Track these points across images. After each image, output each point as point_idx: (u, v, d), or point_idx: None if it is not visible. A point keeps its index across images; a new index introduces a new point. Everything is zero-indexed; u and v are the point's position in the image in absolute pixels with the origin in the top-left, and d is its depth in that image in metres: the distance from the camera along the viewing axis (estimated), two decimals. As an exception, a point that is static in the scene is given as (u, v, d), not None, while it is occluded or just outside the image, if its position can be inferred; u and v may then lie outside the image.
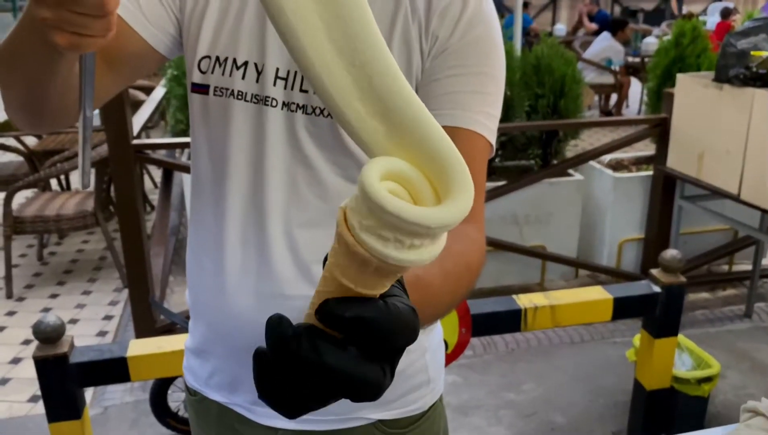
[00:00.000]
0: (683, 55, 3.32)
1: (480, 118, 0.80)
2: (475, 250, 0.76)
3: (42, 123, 0.87)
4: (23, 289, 3.67)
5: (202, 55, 0.89)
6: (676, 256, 2.24)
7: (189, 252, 1.01)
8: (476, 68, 0.81)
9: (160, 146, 2.78)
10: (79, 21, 0.54)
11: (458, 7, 0.81)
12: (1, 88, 0.82)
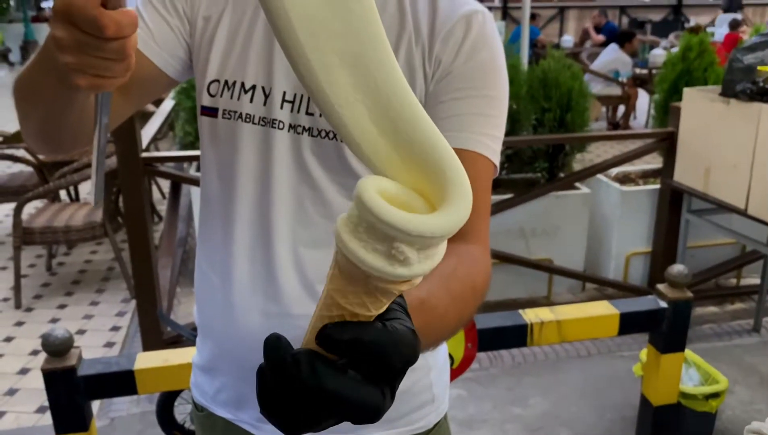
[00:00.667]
0: (690, 68, 3.32)
1: (485, 139, 0.81)
2: (480, 271, 0.76)
3: (59, 149, 0.90)
4: (32, 300, 3.69)
5: (211, 78, 0.90)
6: (683, 271, 2.23)
7: (197, 269, 1.02)
8: (481, 91, 0.82)
9: (169, 159, 2.80)
10: (100, 65, 0.56)
11: (461, 31, 0.83)
12: (19, 117, 0.84)
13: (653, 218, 3.37)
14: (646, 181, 3.55)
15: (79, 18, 0.53)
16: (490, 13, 0.88)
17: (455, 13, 0.84)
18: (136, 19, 0.55)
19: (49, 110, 0.76)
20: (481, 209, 0.81)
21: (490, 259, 0.81)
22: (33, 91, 0.76)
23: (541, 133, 3.19)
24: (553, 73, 3.07)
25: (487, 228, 0.83)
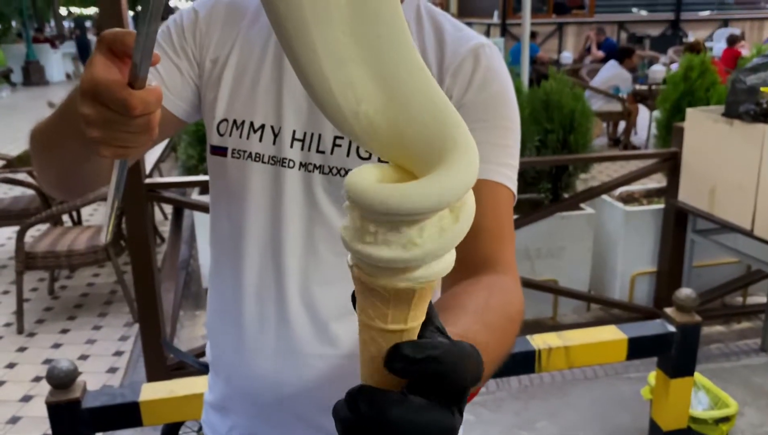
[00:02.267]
0: (692, 88, 3.33)
1: (503, 169, 0.83)
2: (513, 300, 0.75)
3: (74, 195, 0.92)
4: (34, 324, 3.67)
5: (220, 118, 0.91)
6: (690, 295, 2.22)
7: (209, 307, 1.02)
8: (495, 122, 0.84)
9: (172, 185, 2.80)
10: (126, 138, 0.57)
11: (470, 65, 0.84)
12: (36, 166, 0.86)
13: (658, 238, 3.36)
14: (650, 201, 3.55)
15: (107, 98, 0.54)
16: (496, 46, 0.89)
17: (463, 48, 0.85)
18: (162, 95, 0.56)
19: (68, 165, 0.77)
20: (506, 238, 0.82)
21: (521, 288, 0.79)
22: (52, 147, 0.77)
23: (544, 154, 3.20)
24: (556, 94, 3.07)
25: (513, 256, 0.83)
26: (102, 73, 0.54)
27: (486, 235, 0.79)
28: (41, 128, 0.79)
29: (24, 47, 15.17)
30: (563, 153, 3.20)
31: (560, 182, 3.31)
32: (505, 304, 0.72)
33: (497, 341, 0.67)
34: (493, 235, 0.79)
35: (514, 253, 0.83)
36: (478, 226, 0.78)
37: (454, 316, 0.64)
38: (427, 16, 0.89)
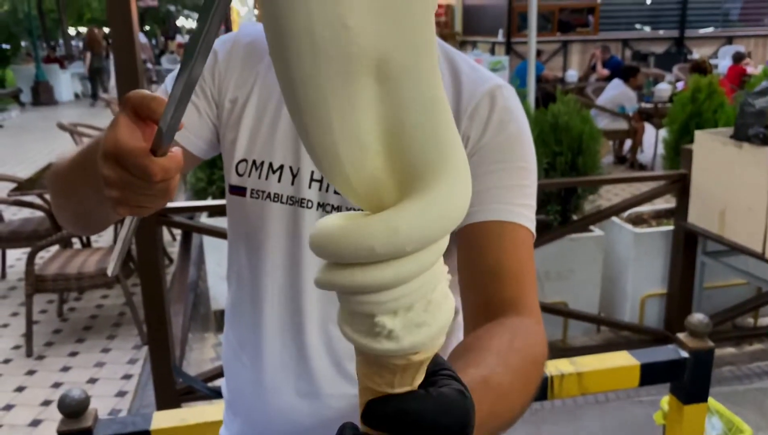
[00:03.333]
0: (700, 110, 3.33)
1: (523, 210, 0.83)
2: (537, 342, 0.75)
3: (90, 232, 0.95)
4: (43, 347, 3.68)
5: (239, 158, 0.92)
6: (703, 320, 2.20)
7: (226, 345, 1.02)
8: (513, 163, 0.84)
9: (183, 210, 2.82)
10: (143, 200, 0.59)
11: (487, 107, 0.85)
12: (53, 205, 0.88)
13: (668, 260, 3.34)
14: (659, 222, 3.54)
15: (129, 164, 0.54)
16: (512, 87, 0.90)
17: (479, 90, 0.86)
18: (182, 161, 0.57)
19: (85, 209, 0.79)
20: (528, 279, 0.81)
21: (544, 330, 0.79)
22: (70, 193, 0.79)
23: (553, 177, 3.20)
24: (564, 117, 3.08)
25: (535, 297, 0.82)
26: (125, 137, 0.55)
27: (508, 277, 0.79)
28: (60, 172, 0.81)
29: (33, 68, 15.31)
30: (572, 175, 3.20)
31: (569, 204, 3.31)
32: (529, 347, 0.72)
33: (521, 385, 0.66)
34: (515, 276, 0.80)
35: (536, 293, 0.83)
36: (499, 268, 0.79)
37: (479, 357, 0.64)
38: (443, 56, 0.90)
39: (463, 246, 0.83)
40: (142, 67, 2.41)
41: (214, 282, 3.65)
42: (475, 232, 0.81)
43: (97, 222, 0.84)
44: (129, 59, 2.30)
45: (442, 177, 0.37)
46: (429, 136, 0.38)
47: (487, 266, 0.80)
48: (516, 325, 0.74)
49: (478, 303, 0.80)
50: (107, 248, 3.99)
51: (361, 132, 0.37)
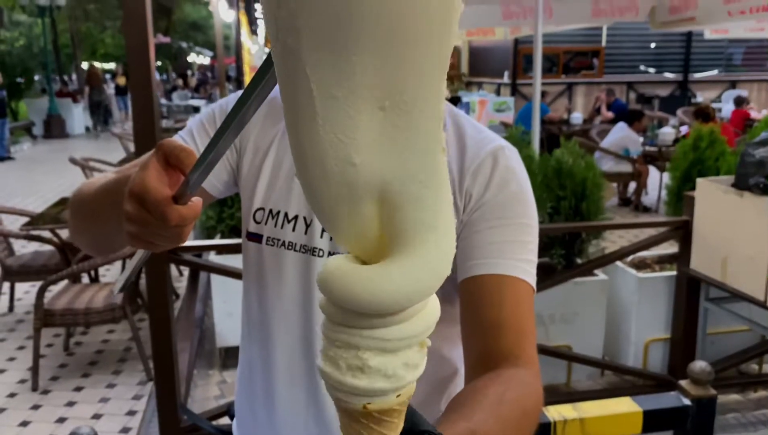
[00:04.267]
0: (702, 157, 3.40)
1: (523, 265, 0.86)
2: (530, 394, 0.77)
3: (105, 254, 0.99)
4: (48, 381, 3.69)
5: (257, 207, 0.97)
6: (705, 368, 2.21)
7: (239, 389, 1.06)
8: (514, 219, 0.88)
9: (192, 249, 2.87)
10: (157, 239, 0.64)
11: (489, 166, 0.90)
12: (73, 227, 0.92)
13: (671, 305, 3.36)
14: (662, 267, 3.57)
15: (150, 206, 0.59)
16: (514, 148, 0.95)
17: (482, 151, 0.91)
18: (199, 210, 0.62)
19: (104, 231, 0.84)
20: (528, 332, 0.84)
21: (540, 382, 0.82)
22: (93, 214, 0.84)
23: (557, 221, 3.25)
24: (567, 163, 3.15)
25: (534, 349, 0.85)
26: (153, 182, 0.60)
27: (507, 331, 0.82)
28: (86, 195, 0.86)
29: (47, 101, 15.60)
30: (576, 220, 3.25)
31: (573, 248, 3.35)
32: (521, 398, 0.75)
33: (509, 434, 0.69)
34: (514, 330, 0.83)
35: (535, 345, 0.86)
36: (499, 321, 0.82)
37: (470, 410, 0.68)
38: (450, 119, 0.96)
39: (465, 298, 0.86)
40: (158, 103, 2.49)
41: (220, 319, 3.68)
42: (477, 285, 0.84)
43: (113, 246, 0.89)
44: (146, 96, 2.38)
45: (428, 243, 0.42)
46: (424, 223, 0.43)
47: (487, 318, 0.83)
48: (511, 377, 0.77)
49: (478, 354, 0.83)
50: (114, 284, 4.04)
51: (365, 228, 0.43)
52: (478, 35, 11.11)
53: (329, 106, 0.39)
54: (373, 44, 0.37)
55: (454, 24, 0.39)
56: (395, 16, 0.36)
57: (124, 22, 2.39)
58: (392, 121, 0.40)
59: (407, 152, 0.40)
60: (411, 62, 0.38)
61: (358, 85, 0.38)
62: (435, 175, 0.42)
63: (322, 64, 0.38)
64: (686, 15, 6.43)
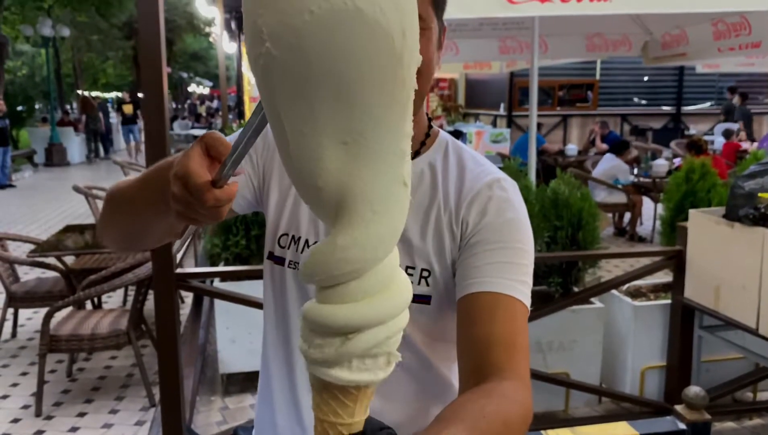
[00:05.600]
0: (694, 189, 3.51)
1: (518, 285, 0.92)
2: (510, 405, 0.80)
3: (133, 248, 1.08)
4: (51, 407, 3.72)
5: (282, 232, 1.06)
6: (699, 393, 2.28)
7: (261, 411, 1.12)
8: (510, 243, 0.94)
9: (200, 275, 2.95)
10: (198, 217, 0.72)
11: (485, 196, 0.97)
12: (105, 220, 1.00)
13: (667, 332, 3.44)
14: (658, 296, 3.65)
15: (191, 188, 0.68)
16: (513, 180, 1.02)
17: (479, 182, 0.99)
18: (233, 195, 0.70)
19: (140, 219, 0.92)
20: (519, 348, 0.87)
21: (528, 396, 0.84)
22: (129, 204, 0.92)
23: (554, 250, 3.33)
24: (564, 194, 3.25)
25: (524, 364, 0.88)
26: (195, 167, 0.68)
27: (499, 346, 0.86)
28: (123, 189, 0.94)
29: (48, 130, 15.76)
30: (572, 249, 3.34)
31: (570, 276, 3.44)
32: (502, 411, 0.77)
33: None
34: (505, 345, 0.86)
35: (527, 362, 0.89)
36: (491, 336, 0.88)
37: (450, 423, 0.71)
38: (453, 152, 1.04)
39: (461, 315, 0.91)
40: (168, 130, 2.60)
41: (223, 345, 3.73)
42: (472, 302, 0.90)
43: (151, 234, 0.96)
44: (159, 124, 2.49)
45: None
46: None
47: (480, 333, 0.87)
48: (494, 389, 0.81)
49: (470, 368, 0.87)
50: (119, 310, 4.09)
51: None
52: (475, 68, 11.34)
53: (298, 140, 0.50)
54: (329, 95, 0.47)
55: (406, 76, 0.49)
56: (344, 76, 0.46)
57: (140, 54, 2.50)
58: (353, 154, 0.50)
59: (364, 181, 0.51)
60: (364, 108, 0.48)
61: (321, 125, 0.49)
62: (387, 205, 0.52)
63: (292, 110, 0.49)
64: (678, 51, 6.62)
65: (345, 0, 0.44)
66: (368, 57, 0.45)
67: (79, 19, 19.86)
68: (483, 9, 3.53)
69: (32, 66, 20.09)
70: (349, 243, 0.51)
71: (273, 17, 0.46)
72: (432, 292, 0.97)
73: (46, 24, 15.54)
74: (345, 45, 0.45)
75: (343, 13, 0.44)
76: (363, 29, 0.45)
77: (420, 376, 1.01)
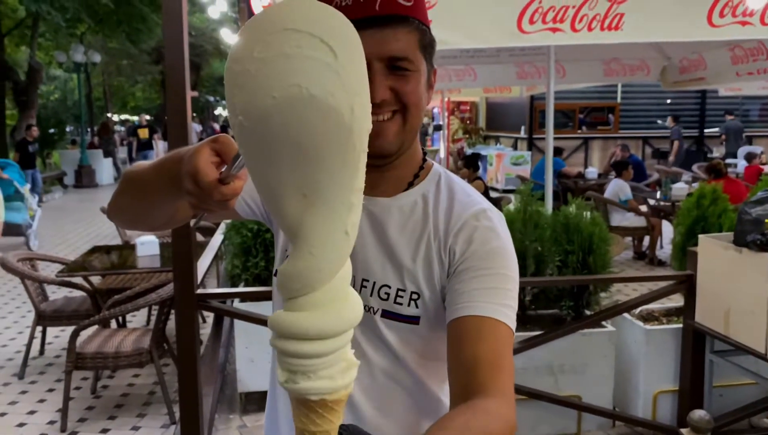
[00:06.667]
0: (705, 214, 3.54)
1: (503, 309, 0.97)
2: (494, 421, 0.84)
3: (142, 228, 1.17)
4: (76, 423, 3.84)
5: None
6: (704, 416, 2.33)
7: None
8: (495, 270, 1.00)
9: (219, 296, 3.06)
10: (207, 206, 0.81)
11: (471, 226, 1.04)
12: (117, 201, 1.09)
13: (679, 357, 3.45)
14: (670, 320, 3.67)
15: (200, 183, 0.77)
16: (499, 211, 1.09)
17: (466, 213, 1.06)
18: (238, 191, 0.79)
19: (152, 200, 1.01)
20: (504, 368, 0.92)
21: (511, 412, 0.88)
22: (142, 186, 1.01)
23: (565, 273, 3.39)
24: (575, 219, 3.31)
25: (510, 384, 0.92)
26: (204, 166, 0.77)
27: (484, 366, 0.91)
28: (138, 172, 1.04)
29: (78, 152, 16.22)
30: (583, 273, 3.39)
31: (582, 300, 3.48)
32: (484, 425, 0.82)
33: None
34: (490, 365, 0.91)
35: (511, 381, 0.93)
36: (477, 357, 0.94)
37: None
38: (445, 184, 1.11)
39: (450, 337, 0.97)
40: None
41: (242, 364, 3.83)
42: (460, 326, 0.96)
43: (160, 214, 1.05)
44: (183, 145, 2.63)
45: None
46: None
47: (467, 355, 0.93)
48: (479, 405, 0.87)
49: (458, 386, 0.94)
50: (142, 329, 4.22)
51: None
52: (495, 92, 11.45)
53: (265, 190, 0.63)
54: (290, 158, 0.59)
55: (357, 142, 0.60)
56: (302, 144, 0.58)
57: (166, 80, 2.65)
58: (309, 203, 0.61)
59: (309, 228, 0.62)
60: (320, 168, 0.59)
61: (283, 179, 0.60)
62: (324, 250, 0.62)
63: (258, 166, 0.61)
64: (696, 75, 6.65)
65: (300, 88, 0.55)
66: (321, 130, 0.56)
67: (109, 45, 20.47)
68: (495, 39, 3.64)
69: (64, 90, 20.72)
70: (293, 271, 0.62)
71: (243, 98, 0.58)
72: (421, 314, 1.05)
73: (79, 50, 16.06)
74: (301, 121, 0.56)
75: (299, 98, 0.55)
76: (316, 110, 0.55)
77: (413, 393, 1.09)
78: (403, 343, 1.06)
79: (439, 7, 3.38)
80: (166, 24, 2.58)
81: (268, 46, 0.56)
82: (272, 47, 0.56)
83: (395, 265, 1.06)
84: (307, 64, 0.56)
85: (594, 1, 3.48)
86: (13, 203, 8.76)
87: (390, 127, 1.01)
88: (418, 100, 1.01)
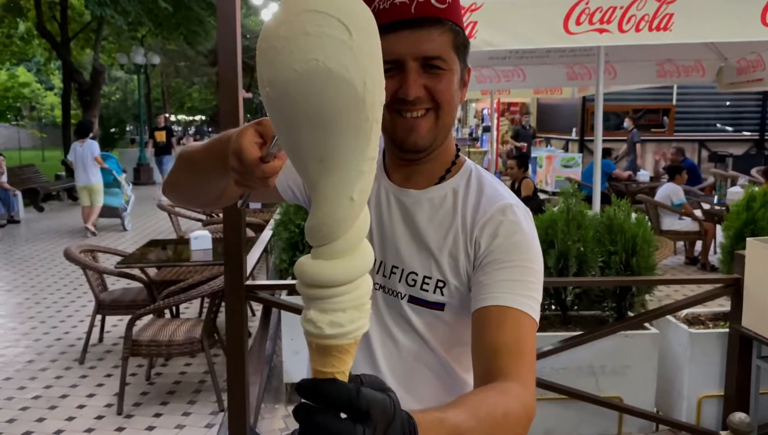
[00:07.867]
0: (755, 218, 3.47)
1: (527, 301, 1.00)
2: (511, 400, 0.87)
3: (195, 204, 1.26)
4: (131, 407, 4.04)
5: None
6: (744, 419, 2.31)
7: None
8: (520, 263, 1.04)
9: (268, 287, 3.18)
10: (249, 183, 0.88)
11: (497, 220, 1.09)
12: (172, 179, 1.18)
13: (724, 361, 3.40)
14: (716, 324, 3.61)
15: (244, 161, 0.85)
16: (525, 207, 1.13)
17: (492, 207, 1.10)
18: (278, 170, 0.86)
19: (203, 178, 1.09)
20: (525, 356, 0.95)
21: (530, 398, 0.90)
22: (195, 168, 1.09)
23: (608, 274, 3.38)
24: (618, 220, 3.30)
25: (531, 372, 0.95)
26: (247, 145, 0.84)
27: (505, 352, 0.94)
28: (190, 151, 1.12)
29: (138, 151, 16.83)
30: (626, 274, 3.37)
31: (624, 301, 3.46)
32: (503, 402, 0.86)
33: (483, 429, 0.80)
34: (511, 352, 0.94)
35: (533, 370, 0.96)
36: (499, 344, 0.98)
37: (451, 406, 0.80)
38: (475, 179, 1.16)
39: (474, 326, 1.02)
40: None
41: (287, 356, 3.95)
42: (483, 314, 1.01)
43: (207, 190, 1.12)
44: None
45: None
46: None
47: (490, 342, 0.97)
48: (496, 386, 0.91)
49: (481, 371, 0.98)
50: (195, 319, 4.40)
51: None
52: (546, 93, 11.35)
53: (292, 155, 0.70)
54: (309, 126, 0.65)
55: (369, 113, 0.65)
56: (320, 113, 0.64)
57: (219, 82, 2.77)
58: (326, 167, 0.67)
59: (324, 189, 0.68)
60: (336, 135, 0.65)
61: (303, 146, 0.67)
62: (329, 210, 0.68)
63: (284, 133, 0.68)
64: (754, 76, 6.47)
65: (318, 62, 0.62)
66: (337, 100, 0.63)
67: (168, 48, 21.15)
68: (541, 40, 3.66)
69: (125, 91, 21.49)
70: (308, 225, 0.70)
71: (270, 71, 0.65)
72: (446, 301, 1.11)
73: (139, 52, 16.69)
74: (319, 92, 0.63)
75: (317, 71, 0.62)
76: (332, 82, 0.63)
77: (440, 375, 1.15)
78: (429, 327, 1.13)
79: (485, 9, 3.42)
80: (220, 27, 2.69)
81: (291, 26, 0.63)
82: (295, 26, 0.63)
83: (423, 253, 1.12)
84: (324, 41, 0.62)
85: (642, 2, 3.47)
86: (112, 189, 10.02)
87: (423, 123, 1.07)
88: (451, 98, 1.07)
